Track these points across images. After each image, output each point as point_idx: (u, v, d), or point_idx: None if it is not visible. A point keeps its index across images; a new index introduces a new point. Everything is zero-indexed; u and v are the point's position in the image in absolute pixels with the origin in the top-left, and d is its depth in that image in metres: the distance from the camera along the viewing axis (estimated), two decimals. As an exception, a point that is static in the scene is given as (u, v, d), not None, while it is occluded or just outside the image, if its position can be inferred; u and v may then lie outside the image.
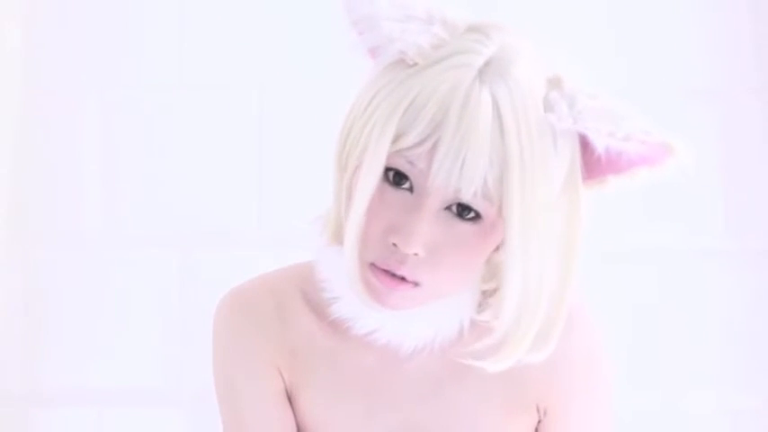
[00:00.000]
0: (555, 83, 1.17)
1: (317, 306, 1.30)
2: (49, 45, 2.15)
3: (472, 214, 1.15)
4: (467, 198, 1.14)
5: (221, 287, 1.35)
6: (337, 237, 1.23)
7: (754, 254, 2.14)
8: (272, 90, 2.12)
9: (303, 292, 1.31)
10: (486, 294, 1.25)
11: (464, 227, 1.16)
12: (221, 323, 1.33)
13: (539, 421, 1.32)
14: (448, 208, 1.16)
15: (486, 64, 1.14)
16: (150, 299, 2.15)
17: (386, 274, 1.17)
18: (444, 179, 1.13)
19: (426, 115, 1.13)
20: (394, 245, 1.16)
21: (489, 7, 2.03)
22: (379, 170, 1.15)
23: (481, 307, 1.25)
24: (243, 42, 2.15)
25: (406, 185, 1.16)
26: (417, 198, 1.16)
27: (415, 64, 1.16)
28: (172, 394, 2.10)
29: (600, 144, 1.15)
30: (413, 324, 1.24)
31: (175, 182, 2.15)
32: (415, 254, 1.15)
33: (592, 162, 1.17)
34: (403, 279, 1.17)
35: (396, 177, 1.16)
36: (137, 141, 2.16)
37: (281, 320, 1.32)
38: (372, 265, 1.18)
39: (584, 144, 1.16)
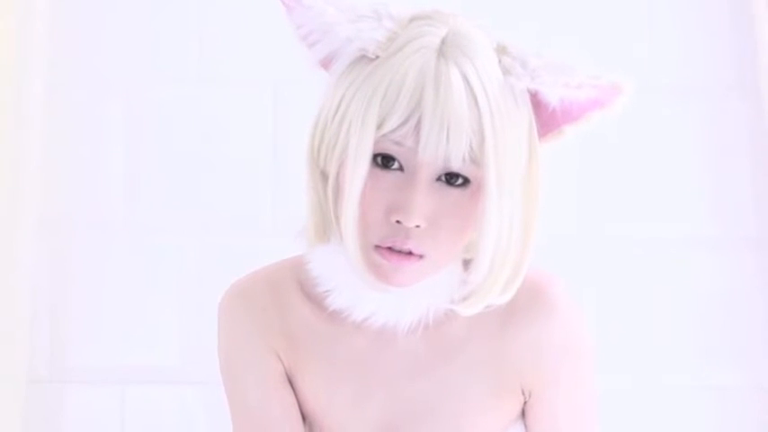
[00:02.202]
0: (502, 50, 1.23)
1: (312, 295, 1.34)
2: (74, 43, 2.16)
3: (461, 180, 1.21)
4: (456, 165, 1.19)
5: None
6: (321, 236, 1.28)
7: (736, 240, 2.17)
8: (285, 85, 2.14)
9: (299, 283, 1.35)
10: (467, 264, 1.28)
11: (455, 193, 1.21)
12: (224, 314, 1.38)
13: (525, 402, 1.35)
14: (438, 178, 1.20)
15: (443, 43, 1.20)
16: (170, 283, 2.16)
17: (392, 252, 1.21)
18: (433, 152, 1.18)
19: (404, 97, 1.17)
20: (397, 222, 1.20)
21: (463, 5, 2.15)
22: (368, 156, 1.19)
23: (465, 276, 1.28)
24: (258, 41, 2.15)
25: (395, 166, 1.20)
26: (409, 174, 1.20)
27: (377, 57, 1.21)
28: (191, 372, 2.12)
29: (554, 97, 1.21)
30: (408, 303, 1.28)
31: (194, 172, 2.17)
32: (417, 226, 1.19)
33: (546, 117, 1.23)
34: (409, 253, 1.21)
35: (384, 160, 1.20)
36: (158, 134, 2.17)
37: (279, 309, 1.35)
38: (377, 246, 1.21)
39: (537, 103, 1.23)
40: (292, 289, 1.35)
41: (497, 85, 1.20)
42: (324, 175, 1.26)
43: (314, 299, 1.33)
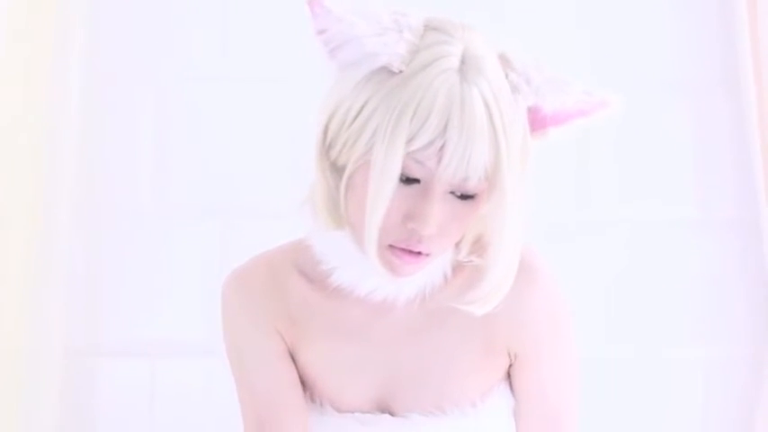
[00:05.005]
0: (505, 61, 1.26)
1: (310, 274, 1.37)
2: (108, 42, 2.23)
3: (471, 194, 1.25)
4: (471, 185, 1.22)
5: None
6: (336, 223, 1.30)
7: (721, 223, 2.25)
8: (303, 81, 2.06)
9: (296, 265, 1.38)
10: (458, 241, 1.32)
11: (464, 204, 1.25)
12: (226, 299, 1.41)
13: (511, 364, 1.39)
14: (451, 192, 1.24)
15: (462, 63, 1.22)
16: (196, 263, 2.22)
17: (404, 251, 1.25)
18: (452, 174, 1.21)
19: (433, 121, 1.19)
20: (412, 229, 1.24)
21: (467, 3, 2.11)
22: (396, 177, 1.21)
23: (455, 251, 1.35)
24: (278, 40, 2.21)
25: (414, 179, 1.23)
26: (426, 187, 1.23)
27: (401, 71, 1.22)
28: (215, 346, 1.97)
29: (549, 109, 1.26)
30: (407, 281, 1.33)
31: (218, 161, 2.23)
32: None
33: (538, 119, 1.27)
34: (419, 253, 1.26)
35: (404, 177, 1.23)
36: (185, 126, 2.23)
37: (277, 290, 1.38)
38: (391, 246, 1.25)
39: (530, 107, 1.26)
40: (289, 270, 1.38)
41: (508, 103, 1.23)
42: (334, 167, 1.28)
43: (312, 278, 1.37)
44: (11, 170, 2.14)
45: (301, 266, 1.39)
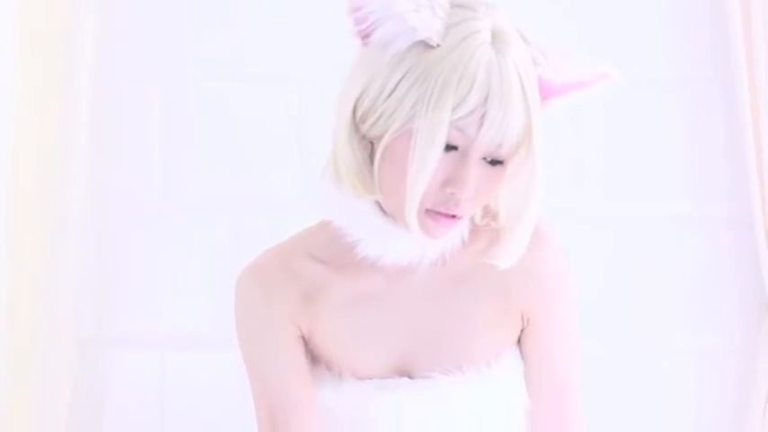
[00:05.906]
0: (522, 36, 1.32)
1: (321, 257, 1.42)
2: (119, 43, 2.25)
3: (501, 160, 1.32)
4: (504, 152, 1.30)
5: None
6: (368, 191, 1.34)
7: (715, 219, 2.28)
8: (310, 80, 2.24)
9: (308, 251, 1.42)
10: None
11: (494, 170, 1.32)
12: (239, 294, 1.44)
13: (522, 329, 1.45)
14: (484, 158, 1.31)
15: (493, 37, 1.29)
16: (205, 256, 2.25)
17: (440, 215, 1.31)
18: (489, 141, 1.28)
19: (475, 91, 1.25)
20: (451, 193, 1.30)
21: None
22: (442, 142, 1.27)
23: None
24: (285, 42, 2.24)
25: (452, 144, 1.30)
26: (464, 154, 1.29)
27: (438, 46, 1.28)
28: (224, 338, 2.01)
29: (558, 81, 1.32)
30: (429, 243, 1.38)
31: (227, 158, 2.25)
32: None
33: (544, 90, 1.33)
34: (453, 216, 1.32)
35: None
36: (194, 124, 2.26)
37: (291, 277, 1.42)
38: (427, 210, 1.31)
39: (538, 78, 1.33)
40: (301, 256, 1.42)
41: (532, 72, 1.30)
42: (363, 140, 1.33)
43: (325, 259, 1.41)
44: (23, 165, 2.16)
45: (313, 251, 1.43)
